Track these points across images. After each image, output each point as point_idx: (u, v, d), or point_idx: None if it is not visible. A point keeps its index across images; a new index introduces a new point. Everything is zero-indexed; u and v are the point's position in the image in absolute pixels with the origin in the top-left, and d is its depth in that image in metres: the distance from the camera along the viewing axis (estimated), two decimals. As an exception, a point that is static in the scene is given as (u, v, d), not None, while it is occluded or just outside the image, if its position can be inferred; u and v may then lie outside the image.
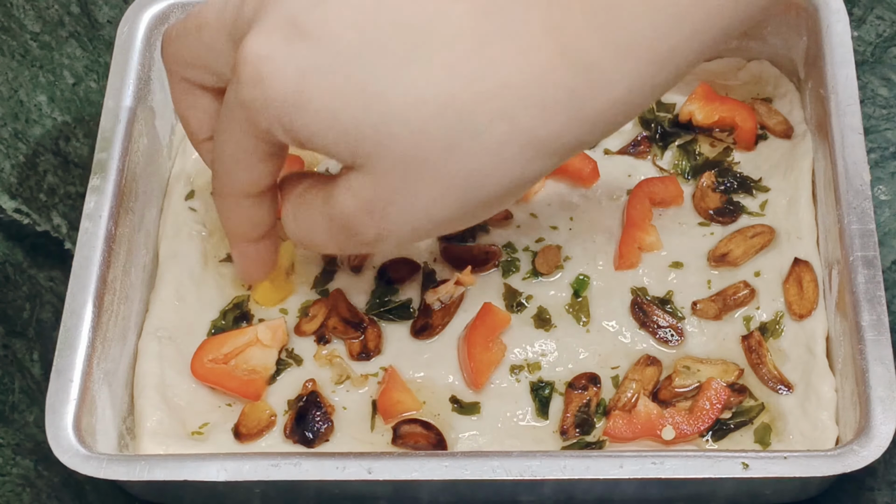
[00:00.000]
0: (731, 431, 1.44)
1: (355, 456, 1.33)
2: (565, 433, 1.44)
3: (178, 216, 1.61)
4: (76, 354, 1.41)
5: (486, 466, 1.31)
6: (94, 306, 1.44)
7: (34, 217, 1.66)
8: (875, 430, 1.31)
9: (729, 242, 1.54)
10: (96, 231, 1.48)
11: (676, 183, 1.58)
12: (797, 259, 1.52)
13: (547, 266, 1.54)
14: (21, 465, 1.50)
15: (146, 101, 1.61)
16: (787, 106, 1.64)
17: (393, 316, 1.53)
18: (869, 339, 1.37)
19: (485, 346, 1.47)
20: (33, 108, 1.76)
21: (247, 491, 1.36)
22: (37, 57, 1.81)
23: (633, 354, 1.49)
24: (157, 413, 1.47)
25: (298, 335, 1.53)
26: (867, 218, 1.43)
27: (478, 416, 1.46)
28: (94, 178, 1.52)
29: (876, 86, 1.71)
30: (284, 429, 1.46)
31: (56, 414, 1.37)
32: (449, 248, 1.56)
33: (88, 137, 1.73)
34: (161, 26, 1.63)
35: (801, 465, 1.30)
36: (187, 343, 1.52)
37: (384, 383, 1.47)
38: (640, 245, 1.54)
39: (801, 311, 1.49)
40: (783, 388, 1.45)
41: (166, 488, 1.38)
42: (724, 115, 1.62)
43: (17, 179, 1.69)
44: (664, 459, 1.31)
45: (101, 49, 1.81)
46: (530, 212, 1.59)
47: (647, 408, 1.43)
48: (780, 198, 1.58)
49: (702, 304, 1.50)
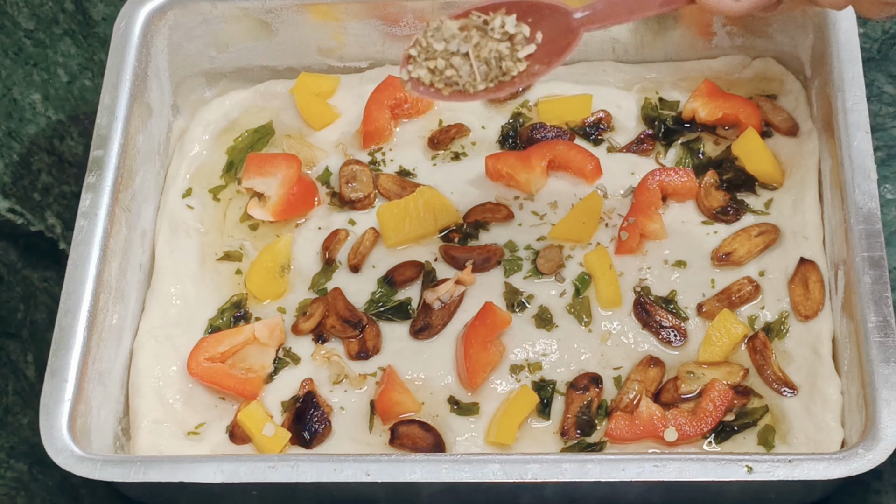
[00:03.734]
0: (734, 433, 1.43)
1: (353, 458, 1.33)
2: (566, 434, 1.43)
3: (174, 214, 1.61)
4: (71, 354, 1.41)
5: (486, 469, 1.30)
6: (89, 305, 1.44)
7: (28, 217, 1.66)
8: (881, 432, 1.30)
9: (733, 241, 1.53)
10: (92, 229, 1.48)
11: (691, 176, 1.57)
12: (803, 259, 1.51)
13: (548, 265, 1.53)
14: (15, 469, 1.50)
15: (142, 97, 1.60)
16: (792, 103, 1.64)
17: (392, 315, 1.52)
18: (875, 340, 1.35)
19: (482, 347, 1.46)
20: (27, 107, 1.76)
21: (244, 493, 1.35)
22: (31, 55, 1.80)
23: (635, 355, 1.48)
24: (152, 413, 1.47)
25: (296, 334, 1.52)
26: (874, 217, 1.42)
27: (477, 417, 1.45)
28: (90, 175, 1.51)
29: (882, 83, 1.70)
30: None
31: (50, 414, 1.37)
32: (449, 247, 1.55)
33: (83, 136, 1.73)
34: (158, 22, 1.63)
35: (806, 469, 1.29)
36: (184, 342, 1.52)
37: (382, 384, 1.46)
38: (642, 231, 1.53)
39: (806, 311, 1.47)
40: (787, 390, 1.44)
41: (162, 490, 1.38)
42: (728, 113, 1.61)
43: (10, 179, 1.69)
44: (666, 462, 1.30)
45: (95, 46, 1.81)
46: (532, 210, 1.58)
47: (649, 409, 1.42)
48: (785, 196, 1.57)
49: (707, 305, 1.49)
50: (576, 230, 1.55)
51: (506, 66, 1.31)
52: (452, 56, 1.31)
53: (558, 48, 1.32)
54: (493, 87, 1.32)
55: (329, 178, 1.64)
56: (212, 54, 1.69)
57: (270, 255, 1.57)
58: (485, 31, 1.31)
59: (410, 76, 1.33)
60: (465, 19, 1.32)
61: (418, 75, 1.32)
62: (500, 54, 1.31)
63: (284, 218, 1.60)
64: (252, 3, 1.65)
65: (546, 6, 1.32)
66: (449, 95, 1.32)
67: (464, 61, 1.31)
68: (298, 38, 1.68)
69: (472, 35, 1.31)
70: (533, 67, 1.32)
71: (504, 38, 1.31)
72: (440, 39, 1.31)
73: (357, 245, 1.57)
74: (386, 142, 1.66)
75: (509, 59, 1.31)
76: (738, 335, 1.47)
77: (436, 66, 1.31)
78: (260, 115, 1.70)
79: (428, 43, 1.32)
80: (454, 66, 1.31)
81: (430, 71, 1.32)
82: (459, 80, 1.31)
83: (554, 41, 1.32)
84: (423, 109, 1.67)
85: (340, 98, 1.70)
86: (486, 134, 1.66)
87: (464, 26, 1.31)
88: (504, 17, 1.31)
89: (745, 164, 1.58)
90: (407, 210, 1.57)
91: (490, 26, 1.31)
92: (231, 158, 1.67)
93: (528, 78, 1.32)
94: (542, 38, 1.32)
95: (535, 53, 1.32)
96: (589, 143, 1.63)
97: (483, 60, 1.30)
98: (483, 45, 1.31)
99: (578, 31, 1.31)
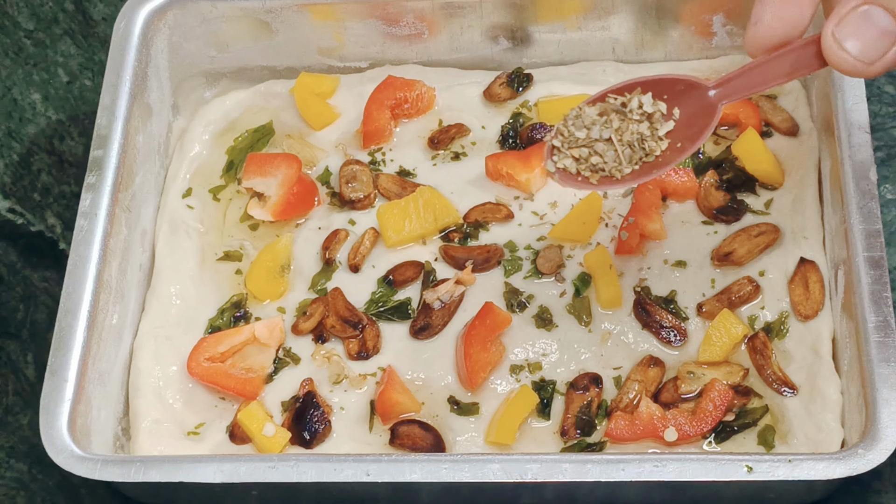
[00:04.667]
0: (734, 433, 1.43)
1: (353, 458, 1.32)
2: (566, 434, 1.43)
3: (174, 214, 1.61)
4: (71, 354, 1.41)
5: (486, 469, 1.30)
6: (89, 305, 1.44)
7: (28, 217, 1.66)
8: (881, 432, 1.30)
9: (733, 241, 1.53)
10: (92, 229, 1.48)
11: (691, 176, 1.57)
12: (803, 259, 1.50)
13: (548, 265, 1.53)
14: (15, 469, 1.50)
15: (142, 97, 1.60)
16: (792, 103, 1.64)
17: (392, 315, 1.52)
18: (875, 340, 1.35)
19: (482, 346, 1.46)
20: (27, 107, 1.76)
21: (244, 493, 1.35)
22: (31, 55, 1.80)
23: (635, 355, 1.48)
24: (152, 413, 1.47)
25: (296, 334, 1.52)
26: (874, 217, 1.42)
27: (477, 417, 1.45)
28: (90, 175, 1.51)
29: (882, 83, 1.70)
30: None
31: (50, 414, 1.37)
32: (449, 247, 1.55)
33: (83, 136, 1.73)
34: (158, 22, 1.63)
35: (806, 469, 1.29)
36: (184, 342, 1.52)
37: (382, 384, 1.46)
38: (642, 231, 1.53)
39: (806, 311, 1.47)
40: (787, 390, 1.43)
41: (162, 490, 1.38)
42: (728, 112, 1.61)
43: (10, 179, 1.69)
44: (666, 462, 1.30)
45: (95, 47, 1.81)
46: (532, 210, 1.58)
47: (649, 409, 1.42)
48: (785, 196, 1.57)
49: (707, 305, 1.49)
50: (576, 230, 1.55)
51: (648, 146, 1.29)
52: (596, 143, 1.30)
53: (698, 125, 1.30)
54: (640, 171, 1.30)
55: (329, 178, 1.64)
56: (212, 54, 1.69)
57: (270, 255, 1.56)
58: (624, 114, 1.30)
59: (557, 167, 1.32)
60: (603, 103, 1.31)
61: (564, 165, 1.31)
62: (642, 135, 1.29)
63: (284, 218, 1.60)
64: (252, 3, 1.65)
65: (681, 82, 1.31)
66: (597, 183, 1.31)
67: (607, 147, 1.29)
68: (298, 38, 1.68)
69: (613, 119, 1.30)
70: (675, 144, 1.30)
71: (643, 119, 1.30)
72: (581, 127, 1.30)
73: (357, 245, 1.57)
74: (386, 142, 1.66)
75: (651, 140, 1.30)
76: (738, 335, 1.46)
77: (580, 154, 1.30)
78: (260, 115, 1.70)
79: (570, 132, 1.31)
80: (598, 153, 1.30)
81: (575, 159, 1.31)
82: (605, 165, 1.30)
83: (693, 116, 1.30)
84: (423, 109, 1.67)
85: (340, 98, 1.70)
86: (486, 134, 1.66)
87: (603, 111, 1.30)
88: (640, 97, 1.30)
89: (745, 164, 1.58)
90: (407, 210, 1.57)
91: (629, 108, 1.30)
92: (231, 158, 1.67)
93: (673, 156, 1.30)
94: (680, 114, 1.30)
95: (674, 130, 1.30)
96: (589, 143, 1.63)
97: (626, 144, 1.29)
98: (624, 129, 1.29)
99: (717, 106, 1.30)
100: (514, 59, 1.70)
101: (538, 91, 1.68)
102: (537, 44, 1.69)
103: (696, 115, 1.30)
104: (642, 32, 1.67)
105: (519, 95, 1.68)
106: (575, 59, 1.70)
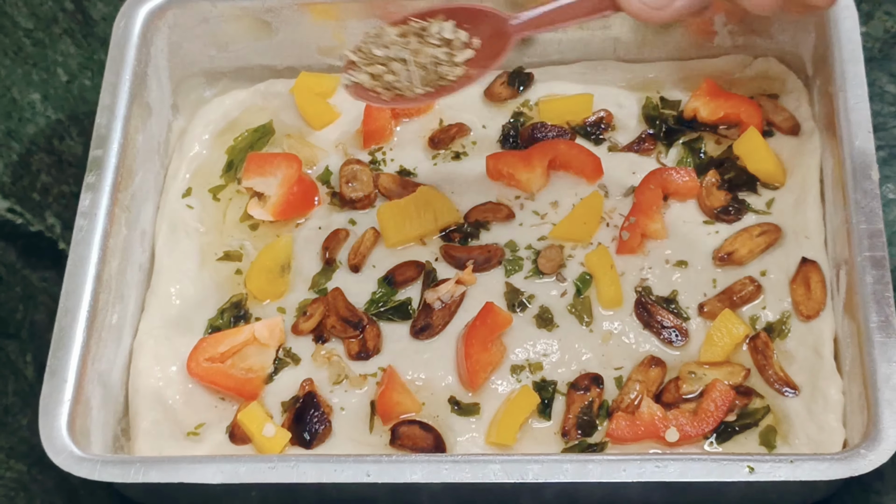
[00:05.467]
0: (735, 434, 1.42)
1: (354, 458, 1.32)
2: (567, 434, 1.43)
3: (174, 214, 1.61)
4: (70, 354, 1.41)
5: (486, 469, 1.30)
6: (88, 305, 1.44)
7: (27, 217, 1.66)
8: (883, 433, 1.30)
9: (734, 241, 1.53)
10: (91, 229, 1.48)
11: (693, 175, 1.57)
12: (804, 259, 1.50)
13: (549, 265, 1.53)
14: (14, 469, 1.50)
15: (142, 97, 1.60)
16: (794, 103, 1.63)
17: (392, 315, 1.52)
18: (877, 340, 1.35)
19: (483, 347, 1.46)
20: (26, 107, 1.76)
21: (244, 493, 1.35)
22: (30, 54, 1.80)
23: (636, 355, 1.48)
24: (152, 414, 1.47)
25: (296, 334, 1.52)
26: (876, 217, 1.42)
27: (477, 417, 1.45)
28: (90, 175, 1.51)
29: (884, 82, 1.70)
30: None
31: (50, 415, 1.37)
32: (450, 247, 1.55)
33: (82, 136, 1.73)
34: (158, 22, 1.63)
35: (808, 469, 1.29)
36: (183, 342, 1.52)
37: (383, 384, 1.46)
38: (643, 231, 1.53)
39: (808, 311, 1.47)
40: (789, 391, 1.43)
41: (162, 491, 1.37)
42: (729, 112, 1.61)
43: (9, 179, 1.69)
44: (668, 463, 1.29)
45: (95, 46, 1.81)
46: (533, 209, 1.58)
47: (650, 409, 1.41)
48: (786, 196, 1.56)
49: (708, 305, 1.49)
50: (577, 230, 1.55)
51: (443, 70, 1.34)
52: (392, 62, 1.34)
53: (494, 52, 1.36)
54: (432, 91, 1.35)
55: (329, 177, 1.64)
56: (212, 54, 1.69)
57: (270, 255, 1.56)
58: (423, 37, 1.35)
59: (353, 81, 1.36)
60: (405, 25, 1.36)
61: (359, 80, 1.36)
62: (438, 59, 1.34)
63: (284, 218, 1.60)
64: (252, 2, 1.65)
65: (483, 13, 1.36)
66: (389, 100, 1.36)
67: (403, 66, 1.34)
68: (298, 37, 1.68)
69: (411, 41, 1.35)
70: (470, 71, 1.35)
71: (442, 44, 1.35)
72: (380, 45, 1.35)
73: (357, 245, 1.57)
74: (386, 141, 1.66)
75: (447, 64, 1.34)
76: (739, 335, 1.46)
77: (376, 70, 1.35)
78: (260, 114, 1.70)
79: (369, 49, 1.36)
80: (394, 72, 1.34)
81: (371, 76, 1.36)
82: (399, 84, 1.35)
83: (491, 46, 1.36)
84: (424, 109, 1.67)
85: (341, 97, 1.70)
86: (486, 133, 1.66)
87: (403, 32, 1.36)
88: (442, 23, 1.35)
89: (747, 163, 1.58)
90: (407, 210, 1.57)
91: (428, 32, 1.35)
92: (231, 158, 1.67)
93: (465, 81, 1.36)
94: (480, 44, 1.36)
95: (474, 58, 1.36)
96: (590, 143, 1.63)
97: (421, 66, 1.34)
98: (421, 51, 1.34)
99: (513, 35, 1.35)
100: (515, 58, 1.70)
101: (539, 90, 1.68)
102: (538, 43, 1.69)
103: (494, 44, 1.36)
104: (643, 31, 1.67)
105: (520, 95, 1.68)
106: (576, 58, 1.70)
